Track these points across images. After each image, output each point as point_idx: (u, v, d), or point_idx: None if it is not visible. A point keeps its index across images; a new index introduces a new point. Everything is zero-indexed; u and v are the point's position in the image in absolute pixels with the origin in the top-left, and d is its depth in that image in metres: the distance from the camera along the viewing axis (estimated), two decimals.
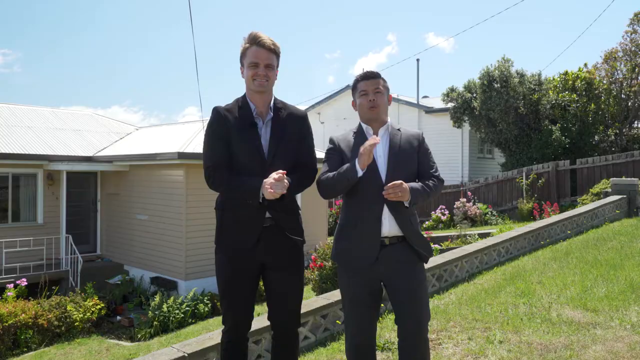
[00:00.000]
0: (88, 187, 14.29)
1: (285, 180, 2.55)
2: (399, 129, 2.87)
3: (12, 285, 10.64)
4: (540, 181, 15.63)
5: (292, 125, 2.79)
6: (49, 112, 16.58)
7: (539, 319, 4.43)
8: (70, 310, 9.84)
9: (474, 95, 18.94)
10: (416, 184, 2.70)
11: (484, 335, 4.11)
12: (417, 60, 23.37)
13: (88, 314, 10.00)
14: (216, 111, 2.74)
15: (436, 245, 11.67)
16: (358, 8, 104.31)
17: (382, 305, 4.64)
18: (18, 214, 13.08)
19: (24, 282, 10.61)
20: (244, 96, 2.79)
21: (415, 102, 22.96)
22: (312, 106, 25.94)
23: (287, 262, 2.75)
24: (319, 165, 2.81)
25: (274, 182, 2.52)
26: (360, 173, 2.62)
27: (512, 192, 16.46)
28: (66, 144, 14.20)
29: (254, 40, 2.68)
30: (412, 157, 2.80)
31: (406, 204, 2.66)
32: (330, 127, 23.62)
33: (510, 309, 4.76)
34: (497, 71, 17.92)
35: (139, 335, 9.33)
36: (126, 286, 12.12)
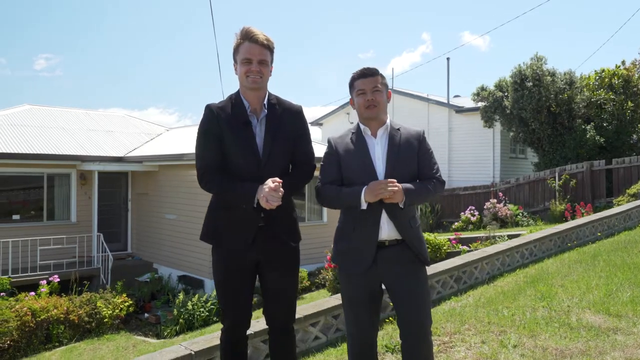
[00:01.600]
0: (119, 187, 14.64)
1: (281, 191, 2.51)
2: (398, 128, 2.80)
3: (45, 281, 10.99)
4: (572, 182, 15.19)
5: (288, 122, 2.74)
6: (82, 113, 17.07)
7: (557, 323, 4.30)
8: (100, 306, 10.08)
9: (505, 94, 18.56)
10: (412, 185, 2.64)
11: (498, 339, 4.02)
12: (448, 59, 23.18)
13: (117, 310, 10.24)
14: (209, 109, 2.68)
15: (464, 247, 11.49)
16: (392, 7, 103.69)
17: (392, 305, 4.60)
18: (53, 212, 13.51)
19: (56, 279, 10.93)
20: (237, 93, 2.74)
21: (446, 101, 22.65)
22: (342, 106, 25.89)
23: (282, 261, 2.74)
24: (320, 165, 2.79)
25: (269, 193, 2.48)
26: (364, 206, 2.60)
27: (544, 192, 16.04)
28: (98, 144, 14.58)
29: (247, 36, 2.62)
30: (412, 158, 2.73)
31: (401, 205, 2.61)
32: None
33: (529, 312, 4.63)
34: (529, 69, 17.51)
35: (165, 333, 9.49)
36: (155, 284, 12.35)
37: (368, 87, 2.73)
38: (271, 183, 2.50)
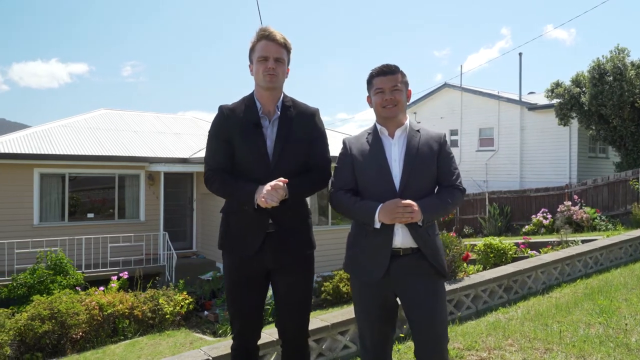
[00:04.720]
0: (185, 187, 15.13)
1: (282, 191, 2.41)
2: (418, 130, 2.63)
3: (115, 277, 11.54)
4: None
5: (301, 124, 2.63)
6: (153, 117, 17.81)
7: (613, 343, 3.88)
8: (162, 303, 10.43)
9: (583, 89, 17.39)
10: (431, 200, 2.46)
11: (541, 358, 3.68)
12: (520, 54, 21.95)
13: (177, 307, 10.55)
14: (220, 111, 2.65)
15: (533, 252, 10.85)
16: (470, 2, 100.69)
17: None
18: (123, 211, 14.18)
19: (125, 275, 11.45)
20: (252, 94, 2.67)
21: (517, 98, 21.57)
22: (408, 106, 25.21)
23: (293, 269, 2.62)
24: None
25: (269, 191, 2.39)
26: (377, 225, 2.44)
27: (625, 195, 14.85)
28: (166, 146, 15.13)
29: (263, 35, 2.57)
30: (431, 162, 2.54)
31: (420, 224, 2.43)
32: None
33: (582, 329, 4.23)
34: (609, 63, 16.30)
35: (220, 331, 9.66)
36: (216, 282, 12.62)
37: (387, 86, 2.57)
38: (272, 182, 2.42)
